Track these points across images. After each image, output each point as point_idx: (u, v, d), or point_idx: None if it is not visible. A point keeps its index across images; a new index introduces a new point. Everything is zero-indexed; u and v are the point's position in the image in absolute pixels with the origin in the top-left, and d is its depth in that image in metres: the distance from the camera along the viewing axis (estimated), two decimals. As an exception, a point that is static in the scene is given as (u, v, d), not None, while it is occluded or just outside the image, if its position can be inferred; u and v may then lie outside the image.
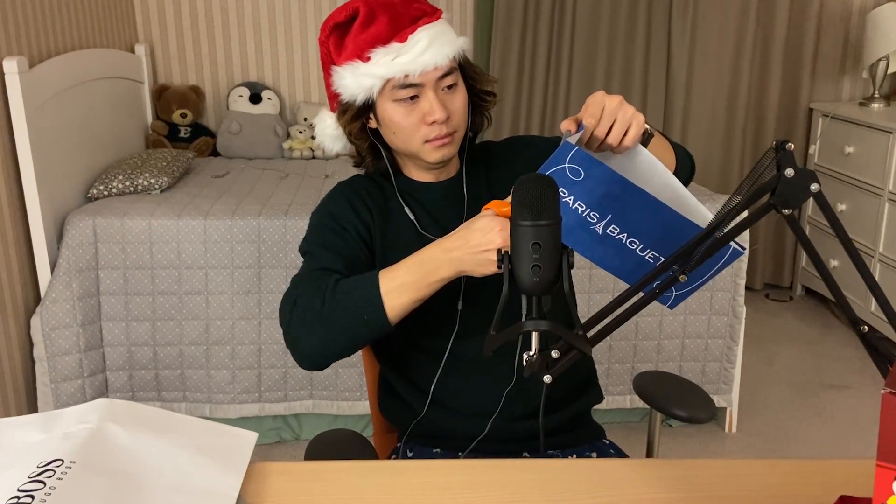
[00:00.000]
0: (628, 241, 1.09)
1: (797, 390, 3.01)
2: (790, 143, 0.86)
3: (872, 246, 3.28)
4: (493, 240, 1.06)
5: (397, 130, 1.28)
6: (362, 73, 1.24)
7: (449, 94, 1.27)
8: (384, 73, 1.23)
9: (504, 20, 3.58)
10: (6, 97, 2.32)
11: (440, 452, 1.37)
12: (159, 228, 2.47)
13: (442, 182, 1.38)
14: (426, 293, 1.15)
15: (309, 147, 3.53)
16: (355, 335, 1.17)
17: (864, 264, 0.85)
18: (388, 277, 1.15)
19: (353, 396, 2.57)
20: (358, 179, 1.40)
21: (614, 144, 1.10)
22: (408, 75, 1.23)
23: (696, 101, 3.74)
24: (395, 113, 1.26)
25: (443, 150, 1.28)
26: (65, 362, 2.44)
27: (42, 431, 0.97)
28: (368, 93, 1.25)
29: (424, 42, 1.23)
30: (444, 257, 1.11)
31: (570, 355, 0.96)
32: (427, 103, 1.25)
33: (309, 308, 1.18)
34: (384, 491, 0.98)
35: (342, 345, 1.19)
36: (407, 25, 1.24)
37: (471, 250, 1.08)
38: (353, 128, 1.32)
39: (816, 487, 0.99)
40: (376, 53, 1.23)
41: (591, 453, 1.40)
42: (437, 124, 1.25)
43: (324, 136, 1.39)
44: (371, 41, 1.23)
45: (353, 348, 1.20)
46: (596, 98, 1.10)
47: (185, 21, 3.61)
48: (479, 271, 1.09)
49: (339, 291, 1.17)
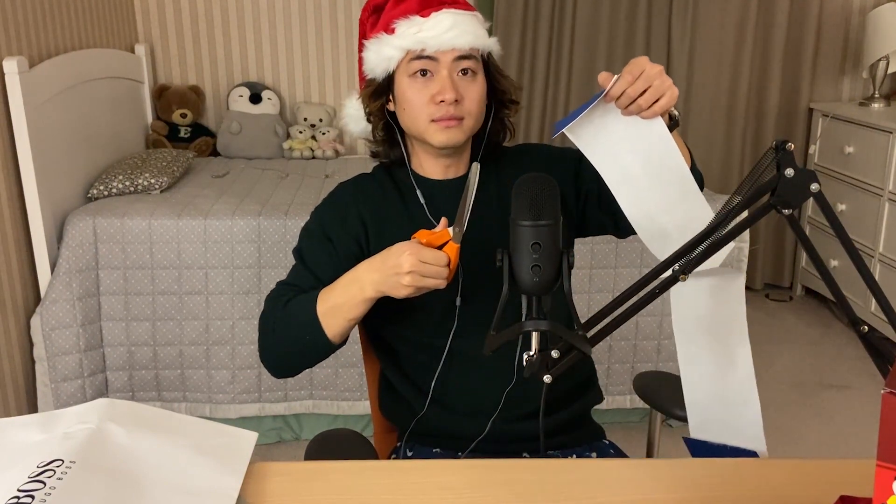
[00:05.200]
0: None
1: (797, 390, 3.01)
2: (790, 143, 0.86)
3: (872, 246, 3.28)
4: (401, 263, 1.11)
5: (407, 107, 1.29)
6: (385, 43, 1.28)
7: (464, 80, 1.28)
8: (404, 45, 1.26)
9: (504, 20, 3.58)
10: (6, 97, 2.32)
11: (440, 452, 1.37)
12: (159, 228, 2.47)
13: (451, 180, 1.37)
14: (357, 313, 1.20)
15: (309, 147, 3.53)
16: (306, 353, 1.26)
17: (864, 264, 0.85)
18: (324, 299, 1.22)
19: (353, 396, 2.57)
20: (361, 179, 1.41)
21: (643, 108, 1.10)
22: (425, 49, 1.26)
23: (696, 101, 3.74)
24: (409, 88, 1.28)
25: (448, 132, 1.28)
26: (65, 362, 2.44)
27: (42, 431, 0.97)
28: (387, 64, 1.29)
29: (447, 23, 1.26)
30: (365, 278, 1.17)
31: (570, 355, 0.96)
32: (439, 82, 1.26)
33: (267, 323, 1.28)
34: (384, 491, 0.98)
35: (298, 361, 1.29)
36: (434, 5, 1.29)
37: (385, 272, 1.14)
38: (374, 107, 1.34)
39: (816, 487, 0.99)
40: (400, 25, 1.27)
41: (591, 454, 1.40)
42: (446, 105, 1.26)
43: (348, 117, 1.43)
44: (402, 14, 1.28)
45: (310, 363, 1.29)
46: (639, 60, 1.11)
47: (185, 21, 3.61)
48: (395, 293, 1.14)
49: (288, 313, 1.25)
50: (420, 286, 1.12)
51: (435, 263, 1.11)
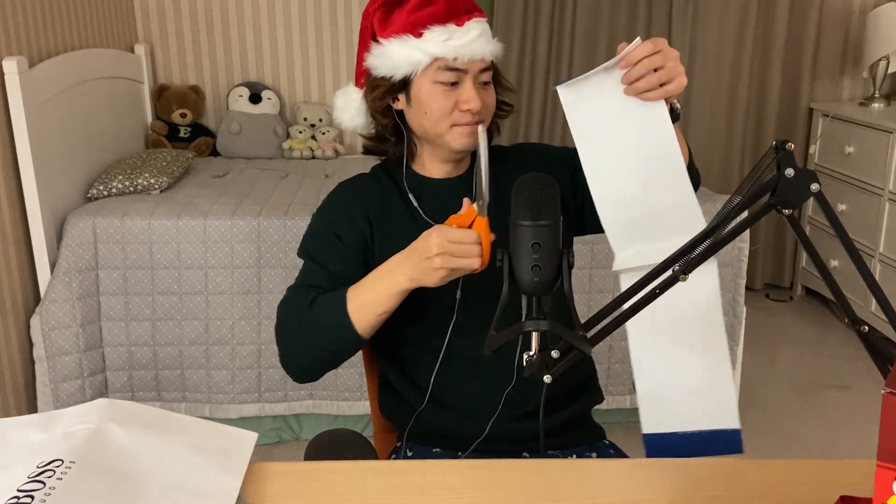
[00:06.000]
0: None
1: (797, 390, 3.01)
2: (790, 143, 0.86)
3: (872, 246, 3.28)
4: (429, 247, 1.09)
5: (430, 111, 1.30)
6: (413, 46, 1.27)
7: (483, 89, 1.32)
8: (436, 51, 1.27)
9: (504, 20, 3.58)
10: (6, 97, 2.32)
11: (440, 452, 1.37)
12: (159, 228, 2.47)
13: (451, 178, 1.38)
14: (389, 307, 1.19)
15: (309, 147, 3.53)
16: (334, 352, 1.25)
17: (864, 264, 0.85)
18: (354, 295, 1.21)
19: (353, 396, 2.57)
20: (360, 179, 1.40)
21: (652, 85, 1.10)
22: (456, 58, 1.27)
23: (696, 101, 3.74)
24: (432, 93, 1.29)
25: (470, 137, 1.31)
26: (65, 362, 2.44)
27: (42, 431, 0.97)
28: (413, 68, 1.28)
29: (476, 32, 1.28)
30: (397, 270, 1.16)
31: (570, 355, 0.96)
32: (466, 91, 1.28)
33: (290, 328, 1.26)
34: (384, 491, 0.98)
35: (327, 360, 1.27)
36: (462, 14, 1.29)
37: (416, 259, 1.13)
38: (381, 105, 1.34)
39: (816, 487, 0.99)
40: (432, 31, 1.27)
41: (591, 454, 1.40)
42: (471, 112, 1.29)
43: (345, 110, 1.42)
44: (428, 19, 1.27)
45: (336, 362, 1.27)
46: (661, 39, 1.12)
47: (185, 21, 3.61)
48: (428, 280, 1.13)
49: (314, 313, 1.23)
50: (452, 267, 1.10)
51: (463, 241, 1.09)
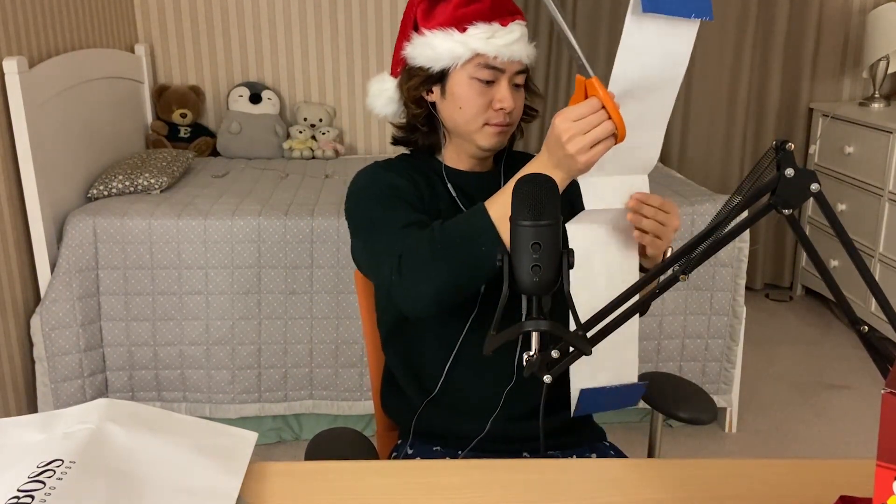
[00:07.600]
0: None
1: (797, 390, 3.01)
2: (790, 143, 0.86)
3: (872, 246, 3.28)
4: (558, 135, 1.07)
5: (464, 106, 1.31)
6: (456, 40, 1.29)
7: (516, 91, 1.34)
8: (478, 47, 1.28)
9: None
10: (6, 97, 2.32)
11: (440, 451, 1.37)
12: (159, 228, 2.47)
13: (478, 172, 1.41)
14: None
15: (309, 147, 3.53)
16: (474, 270, 1.16)
17: (864, 264, 0.85)
18: (495, 207, 1.16)
19: (353, 396, 2.57)
20: (393, 161, 1.40)
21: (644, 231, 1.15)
22: (497, 57, 1.29)
23: (696, 101, 3.74)
24: (469, 89, 1.31)
25: (500, 136, 1.33)
26: (65, 362, 2.44)
27: (42, 431, 0.97)
28: (453, 61, 1.30)
29: (518, 34, 1.31)
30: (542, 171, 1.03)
31: (570, 355, 0.96)
32: (502, 90, 1.31)
33: (419, 254, 1.17)
34: (384, 491, 0.98)
35: (463, 282, 1.17)
36: (506, 15, 1.31)
37: (552, 153, 1.09)
38: (415, 95, 1.36)
39: (816, 487, 0.99)
40: (476, 27, 1.29)
41: (591, 454, 1.40)
42: (504, 112, 1.31)
43: (378, 97, 1.42)
44: (474, 15, 1.30)
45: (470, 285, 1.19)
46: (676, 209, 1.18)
47: (185, 21, 3.61)
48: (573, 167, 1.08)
49: (448, 230, 1.18)
50: (591, 143, 1.05)
51: (586, 112, 1.06)
